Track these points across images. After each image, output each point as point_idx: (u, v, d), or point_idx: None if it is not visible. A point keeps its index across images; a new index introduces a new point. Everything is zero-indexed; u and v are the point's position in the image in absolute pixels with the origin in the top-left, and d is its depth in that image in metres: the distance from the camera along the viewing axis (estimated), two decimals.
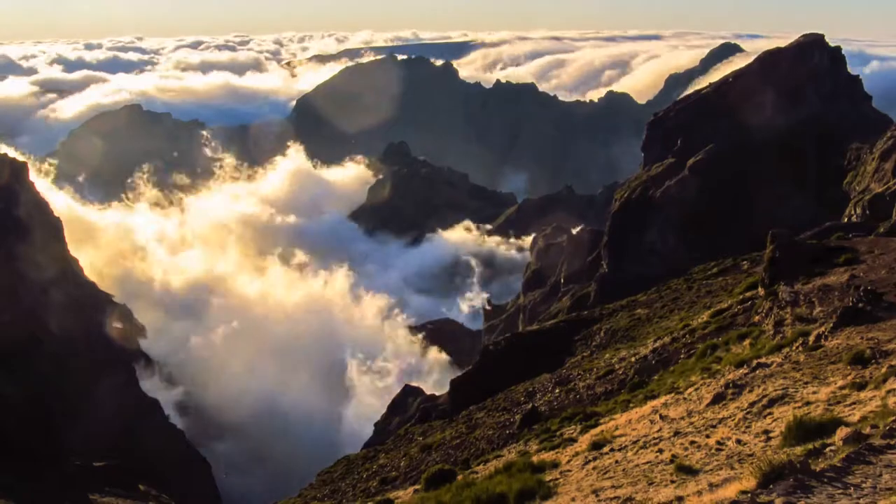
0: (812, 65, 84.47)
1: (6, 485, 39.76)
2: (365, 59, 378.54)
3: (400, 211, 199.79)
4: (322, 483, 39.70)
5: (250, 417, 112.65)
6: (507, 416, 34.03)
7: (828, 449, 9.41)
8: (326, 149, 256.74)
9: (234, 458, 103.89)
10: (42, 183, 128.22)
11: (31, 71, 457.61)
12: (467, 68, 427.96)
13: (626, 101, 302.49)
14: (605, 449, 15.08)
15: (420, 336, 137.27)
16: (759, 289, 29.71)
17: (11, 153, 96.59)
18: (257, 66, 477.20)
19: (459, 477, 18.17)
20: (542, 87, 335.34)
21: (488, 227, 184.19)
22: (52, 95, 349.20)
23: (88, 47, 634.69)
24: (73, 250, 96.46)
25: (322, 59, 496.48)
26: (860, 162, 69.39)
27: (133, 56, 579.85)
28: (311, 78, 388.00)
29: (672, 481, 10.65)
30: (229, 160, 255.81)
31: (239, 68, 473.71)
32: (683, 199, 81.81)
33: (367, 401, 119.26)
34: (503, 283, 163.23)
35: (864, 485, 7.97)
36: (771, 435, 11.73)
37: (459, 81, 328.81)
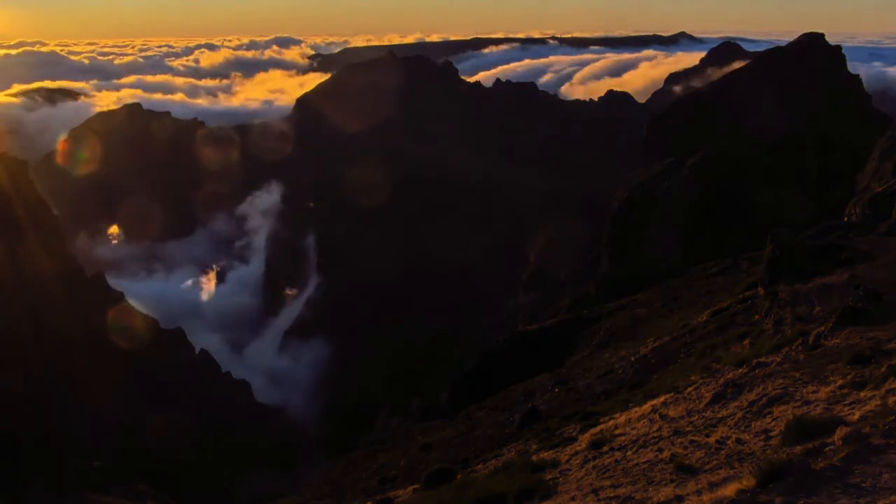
0: (812, 64, 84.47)
1: (4, 484, 39.72)
2: (365, 59, 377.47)
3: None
4: (322, 482, 39.73)
5: None
6: (506, 415, 34.02)
7: (827, 448, 9.39)
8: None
9: None
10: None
11: (31, 71, 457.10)
12: (468, 68, 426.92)
13: (626, 101, 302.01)
14: (605, 448, 15.05)
15: None
16: (759, 288, 29.73)
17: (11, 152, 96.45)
18: (257, 66, 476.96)
19: (459, 476, 18.15)
20: (542, 86, 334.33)
21: None
22: (50, 96, 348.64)
23: (81, 49, 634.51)
24: None
25: (322, 58, 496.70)
26: (860, 162, 69.33)
27: (133, 56, 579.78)
28: (311, 77, 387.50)
29: (672, 480, 10.64)
30: None
31: (238, 67, 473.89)
32: (683, 198, 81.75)
33: None
34: None
35: (863, 484, 7.96)
36: (771, 434, 11.72)
37: (460, 81, 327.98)
